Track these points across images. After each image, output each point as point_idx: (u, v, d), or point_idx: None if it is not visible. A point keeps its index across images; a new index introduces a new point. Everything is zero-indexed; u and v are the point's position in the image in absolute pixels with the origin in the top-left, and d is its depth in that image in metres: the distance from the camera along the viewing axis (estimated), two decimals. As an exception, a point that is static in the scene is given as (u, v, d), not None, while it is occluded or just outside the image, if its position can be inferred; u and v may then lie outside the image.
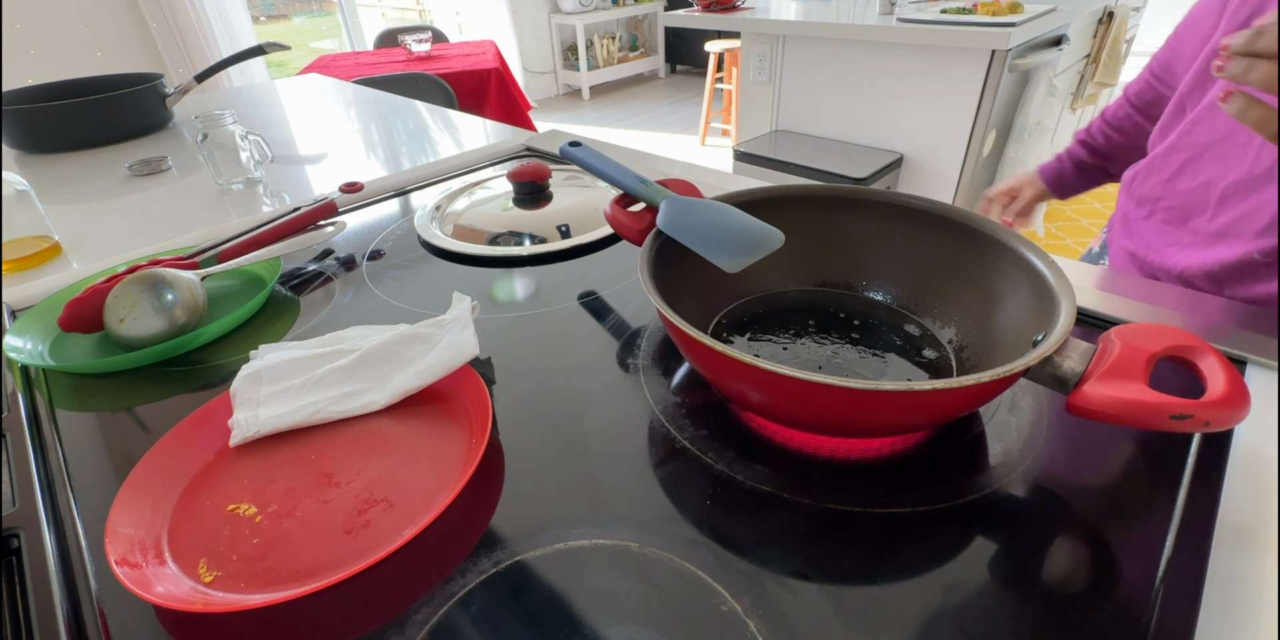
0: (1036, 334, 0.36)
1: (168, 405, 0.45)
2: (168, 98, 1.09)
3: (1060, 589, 0.30)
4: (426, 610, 0.30)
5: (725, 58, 3.15)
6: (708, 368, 0.37)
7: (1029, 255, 0.39)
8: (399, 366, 0.43)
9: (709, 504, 0.35)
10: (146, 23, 2.66)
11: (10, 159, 0.99)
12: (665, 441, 0.39)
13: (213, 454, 0.39)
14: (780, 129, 2.06)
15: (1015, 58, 1.62)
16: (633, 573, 0.31)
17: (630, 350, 0.48)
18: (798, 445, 0.38)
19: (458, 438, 0.39)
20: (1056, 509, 0.34)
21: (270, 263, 0.59)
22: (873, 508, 0.34)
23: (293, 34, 4.28)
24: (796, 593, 0.30)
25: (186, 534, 0.34)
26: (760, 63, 1.98)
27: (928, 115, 1.74)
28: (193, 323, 0.51)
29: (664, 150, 3.32)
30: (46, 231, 0.67)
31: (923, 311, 0.48)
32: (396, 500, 0.35)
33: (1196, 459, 0.36)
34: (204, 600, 0.29)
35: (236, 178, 0.83)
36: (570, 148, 0.56)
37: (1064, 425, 0.39)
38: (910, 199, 0.47)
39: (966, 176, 1.78)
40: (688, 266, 0.44)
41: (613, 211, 0.49)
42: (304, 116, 1.19)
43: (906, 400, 0.31)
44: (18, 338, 0.50)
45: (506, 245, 0.64)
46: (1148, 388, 0.30)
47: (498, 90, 2.36)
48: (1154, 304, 0.49)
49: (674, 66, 4.97)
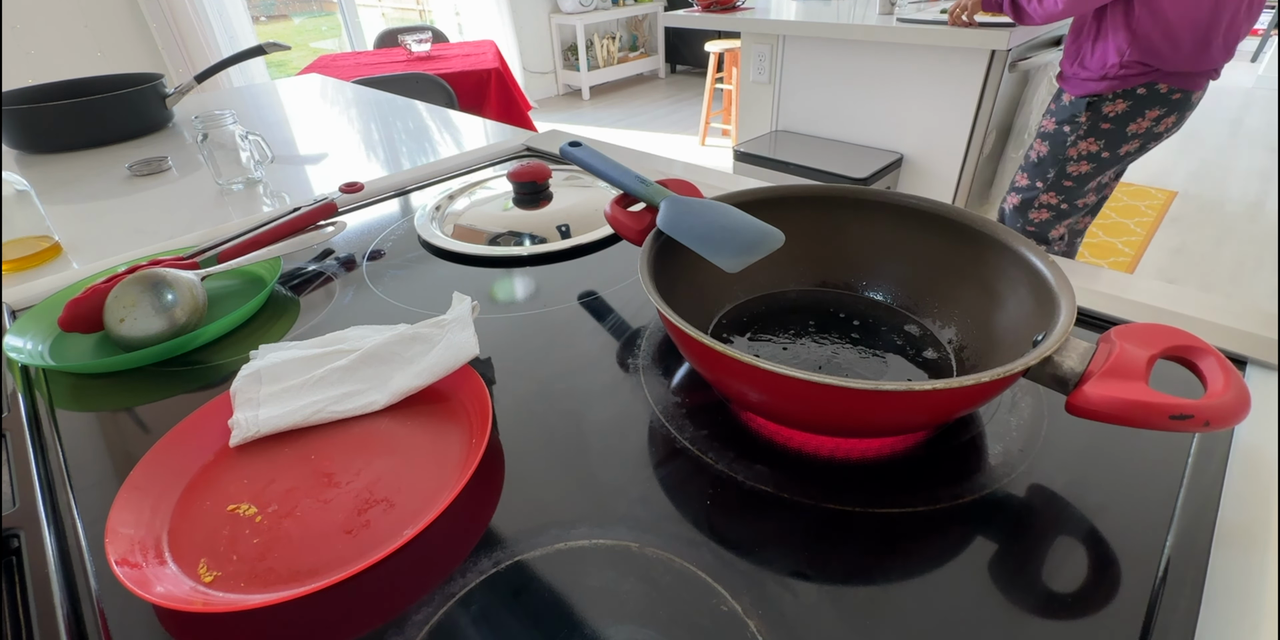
0: (1036, 334, 0.36)
1: (168, 405, 0.45)
2: (168, 98, 1.09)
3: (1060, 589, 0.30)
4: (426, 610, 0.30)
5: (725, 58, 3.15)
6: (708, 368, 0.37)
7: (1029, 255, 0.39)
8: (399, 366, 0.43)
9: (709, 504, 0.35)
10: (146, 23, 2.65)
11: (10, 159, 0.99)
12: (665, 441, 0.39)
13: (213, 454, 0.39)
14: (780, 129, 2.06)
15: (1015, 58, 1.62)
16: (633, 573, 0.31)
17: (630, 350, 0.48)
18: (798, 445, 0.38)
19: (458, 438, 0.39)
20: (1056, 509, 0.34)
21: (270, 263, 0.59)
22: (873, 508, 0.34)
23: (293, 34, 4.28)
24: (796, 593, 0.30)
25: (186, 534, 0.34)
26: (760, 63, 1.98)
27: (928, 115, 1.74)
28: (193, 323, 0.51)
29: (664, 150, 3.33)
30: (46, 231, 0.67)
31: (923, 311, 0.48)
32: (396, 500, 0.35)
33: (1196, 459, 0.36)
34: (204, 600, 0.29)
35: (236, 178, 0.83)
36: (570, 148, 0.56)
37: (1064, 425, 0.39)
38: (910, 199, 0.47)
39: (966, 176, 1.78)
40: (688, 266, 0.44)
41: (613, 211, 0.49)
42: (304, 116, 1.19)
43: (906, 400, 0.31)
44: (18, 338, 0.50)
45: (506, 245, 0.64)
46: (1148, 388, 0.30)
47: (498, 90, 2.36)
48: (1154, 304, 0.49)
49: (674, 66, 4.97)
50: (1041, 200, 1.47)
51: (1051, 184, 1.44)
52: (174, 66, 2.75)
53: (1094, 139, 1.35)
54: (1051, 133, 1.40)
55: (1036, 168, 1.45)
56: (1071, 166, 1.40)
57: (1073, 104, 1.35)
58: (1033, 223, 1.52)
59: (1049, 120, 1.41)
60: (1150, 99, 1.28)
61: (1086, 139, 1.36)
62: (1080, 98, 1.33)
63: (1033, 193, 1.48)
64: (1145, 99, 1.28)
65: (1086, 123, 1.34)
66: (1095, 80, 1.29)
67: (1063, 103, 1.37)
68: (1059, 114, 1.38)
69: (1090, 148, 1.36)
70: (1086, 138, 1.35)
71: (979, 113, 1.66)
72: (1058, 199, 1.46)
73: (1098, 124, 1.33)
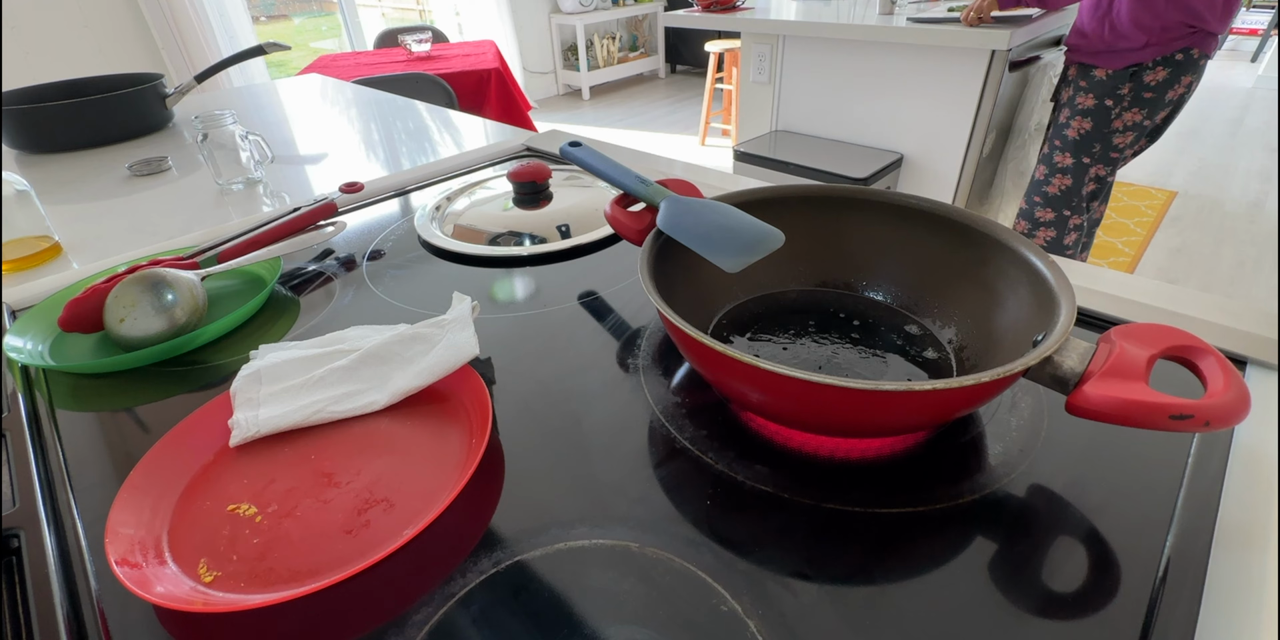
0: (1036, 334, 0.36)
1: (168, 405, 0.45)
2: (168, 98, 1.09)
3: (1060, 589, 0.30)
4: (426, 610, 0.30)
5: (725, 58, 3.15)
6: (708, 368, 0.37)
7: (1029, 255, 0.39)
8: (399, 366, 0.43)
9: (709, 504, 0.35)
10: (146, 23, 2.65)
11: (10, 159, 0.99)
12: (665, 441, 0.39)
13: (213, 454, 0.39)
14: (780, 129, 2.06)
15: (1015, 58, 1.62)
16: (633, 573, 0.31)
17: (630, 350, 0.48)
18: (798, 445, 0.38)
19: (458, 438, 0.39)
20: (1056, 509, 0.34)
21: (270, 263, 0.59)
22: (873, 508, 0.34)
23: (293, 34, 4.28)
24: (796, 593, 0.30)
25: (186, 534, 0.34)
26: (760, 63, 1.98)
27: (928, 115, 1.74)
28: (193, 323, 0.51)
29: (664, 150, 3.33)
30: (46, 231, 0.67)
31: (923, 311, 0.48)
32: (396, 500, 0.35)
33: (1196, 459, 0.36)
34: (204, 600, 0.29)
35: (236, 178, 0.83)
36: (570, 148, 0.56)
37: (1064, 425, 0.39)
38: (910, 199, 0.47)
39: (966, 176, 1.78)
40: (688, 266, 0.44)
41: (613, 211, 0.49)
42: (304, 116, 1.19)
43: (906, 400, 0.31)
44: (18, 338, 0.50)
45: (506, 245, 0.64)
46: (1148, 388, 0.30)
47: (498, 90, 2.36)
48: (1154, 304, 0.49)
49: (674, 66, 4.97)
50: (1091, 173, 1.52)
51: (1100, 157, 1.49)
52: (174, 66, 2.75)
53: (1138, 109, 1.41)
54: (1092, 108, 1.45)
55: (1079, 145, 1.49)
56: (1118, 137, 1.46)
57: (1111, 77, 1.40)
58: (1084, 198, 1.56)
59: (1084, 97, 1.45)
60: (1185, 65, 1.35)
61: (1131, 110, 1.42)
62: (1121, 70, 1.38)
63: (1081, 169, 1.52)
64: (1181, 65, 1.34)
65: (1130, 93, 1.40)
66: (1138, 49, 1.34)
67: (1095, 79, 1.42)
68: (1094, 89, 1.43)
69: (1135, 118, 1.43)
70: (1131, 109, 1.42)
71: (979, 113, 1.66)
72: (1105, 170, 1.52)
73: (1140, 94, 1.39)
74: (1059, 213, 1.59)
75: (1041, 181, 1.60)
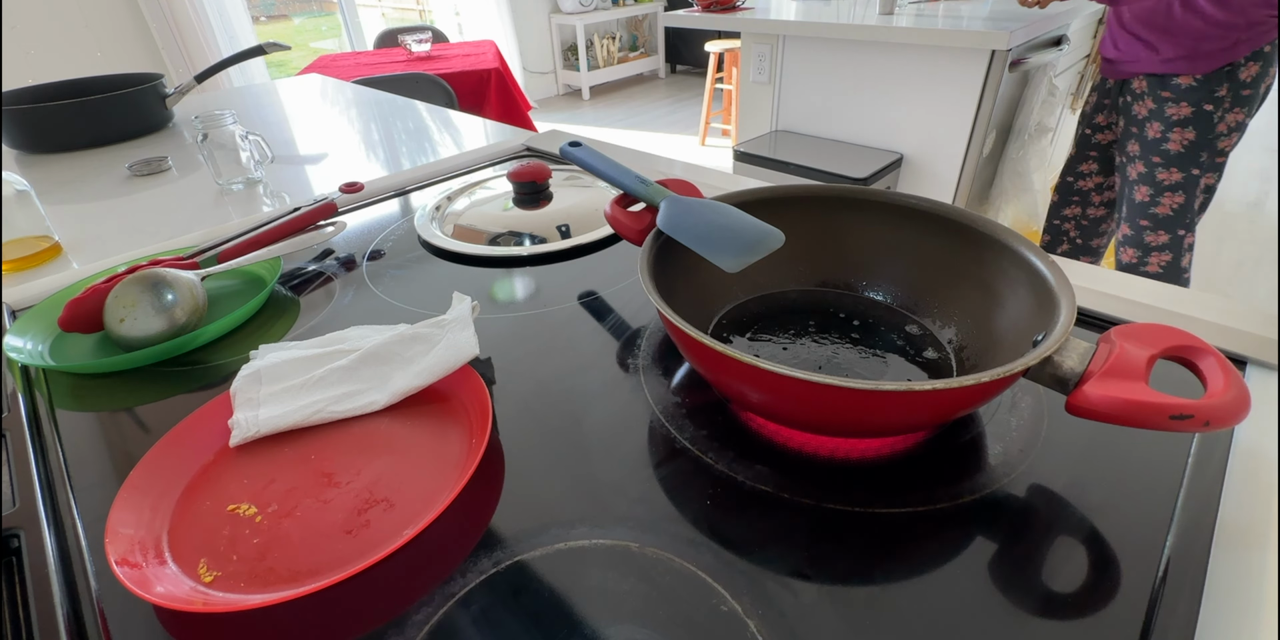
0: (1036, 334, 0.36)
1: (168, 405, 0.45)
2: (168, 98, 1.09)
3: (1060, 589, 0.30)
4: (426, 610, 0.30)
5: (725, 58, 3.15)
6: (708, 368, 0.37)
7: (1029, 255, 0.39)
8: (399, 366, 0.43)
9: (709, 504, 0.35)
10: (146, 23, 2.65)
11: (10, 159, 0.99)
12: (665, 441, 0.39)
13: (213, 454, 0.39)
14: (780, 129, 2.06)
15: (1015, 58, 1.62)
16: (633, 573, 0.31)
17: (630, 350, 0.48)
18: (798, 445, 0.38)
19: (458, 438, 0.39)
20: (1056, 509, 0.34)
21: (270, 263, 0.59)
22: (873, 508, 0.34)
23: (293, 34, 4.28)
24: (796, 593, 0.30)
25: (186, 534, 0.34)
26: (760, 63, 1.98)
27: (928, 115, 1.74)
28: (193, 323, 0.51)
29: (664, 150, 3.32)
30: (46, 231, 0.67)
31: (923, 311, 0.48)
32: (396, 500, 0.35)
33: (1196, 459, 0.36)
34: (204, 600, 0.29)
35: (236, 178, 0.83)
36: (570, 148, 0.56)
37: (1064, 425, 0.39)
38: (910, 199, 0.47)
39: (966, 176, 1.78)
40: (688, 266, 0.44)
41: (613, 211, 0.49)
42: (304, 116, 1.19)
43: (906, 400, 0.31)
44: (18, 338, 0.50)
45: (506, 245, 0.64)
46: (1148, 388, 0.30)
47: (498, 90, 2.36)
48: (1154, 304, 0.49)
49: (674, 66, 4.97)
50: (1202, 185, 1.39)
51: (1209, 165, 1.37)
52: (174, 66, 2.74)
53: (1239, 108, 1.32)
54: (1190, 116, 1.32)
55: (1185, 156, 1.36)
56: (1223, 141, 1.35)
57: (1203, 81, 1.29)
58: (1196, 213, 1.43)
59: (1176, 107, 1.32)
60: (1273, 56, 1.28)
61: (1234, 110, 1.32)
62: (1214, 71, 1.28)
63: (1192, 182, 1.38)
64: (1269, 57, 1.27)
65: (1229, 94, 1.30)
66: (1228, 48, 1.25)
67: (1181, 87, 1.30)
68: (1186, 97, 1.31)
69: (1238, 118, 1.33)
70: (1233, 109, 1.32)
71: (979, 113, 1.66)
72: (1214, 178, 1.40)
73: (1239, 92, 1.30)
74: (1173, 234, 1.43)
75: (1147, 203, 1.43)
